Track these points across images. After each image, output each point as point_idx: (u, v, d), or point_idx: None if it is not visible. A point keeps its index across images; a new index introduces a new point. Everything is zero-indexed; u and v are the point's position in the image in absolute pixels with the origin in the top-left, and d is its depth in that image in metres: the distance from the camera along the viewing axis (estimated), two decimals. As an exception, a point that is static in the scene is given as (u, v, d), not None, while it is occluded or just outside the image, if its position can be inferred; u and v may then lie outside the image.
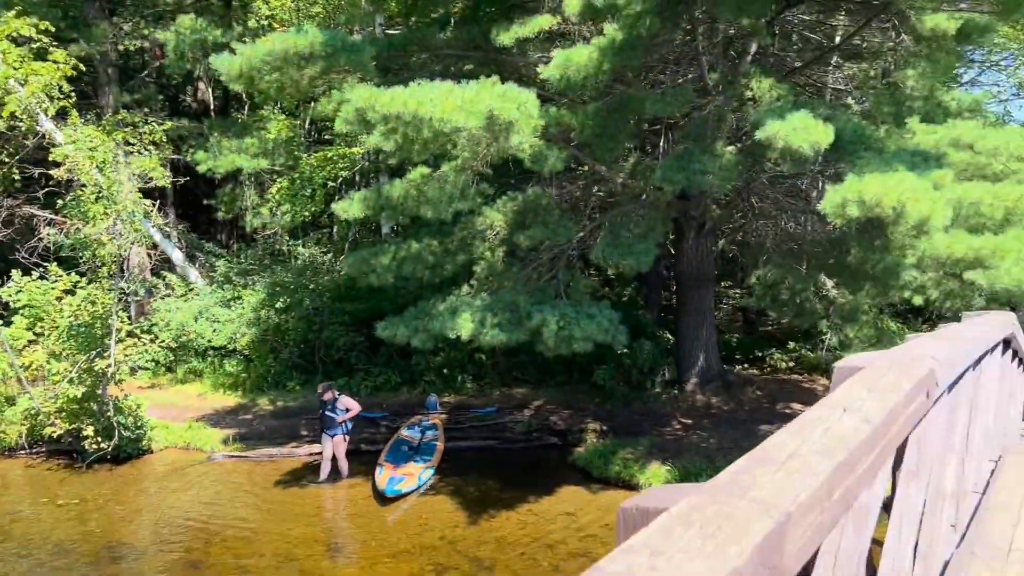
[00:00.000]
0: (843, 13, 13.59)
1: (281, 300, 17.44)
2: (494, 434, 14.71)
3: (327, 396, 12.21)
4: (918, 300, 14.24)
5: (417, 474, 11.91)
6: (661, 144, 13.25)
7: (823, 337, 17.94)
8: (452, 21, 14.64)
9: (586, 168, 13.53)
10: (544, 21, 11.42)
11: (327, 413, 12.20)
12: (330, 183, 19.24)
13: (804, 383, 17.42)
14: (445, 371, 17.10)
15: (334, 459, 12.30)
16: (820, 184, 12.48)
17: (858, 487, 1.95)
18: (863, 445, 1.88)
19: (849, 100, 15.28)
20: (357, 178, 20.48)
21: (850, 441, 1.82)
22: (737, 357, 18.92)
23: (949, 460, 4.40)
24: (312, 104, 17.91)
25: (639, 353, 15.79)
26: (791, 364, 18.45)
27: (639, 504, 1.50)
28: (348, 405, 12.26)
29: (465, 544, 9.92)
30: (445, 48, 13.36)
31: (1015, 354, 8.60)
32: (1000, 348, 6.94)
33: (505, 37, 11.12)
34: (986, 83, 21.16)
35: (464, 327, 10.98)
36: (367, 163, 19.63)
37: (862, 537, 2.29)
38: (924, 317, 18.18)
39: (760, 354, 18.97)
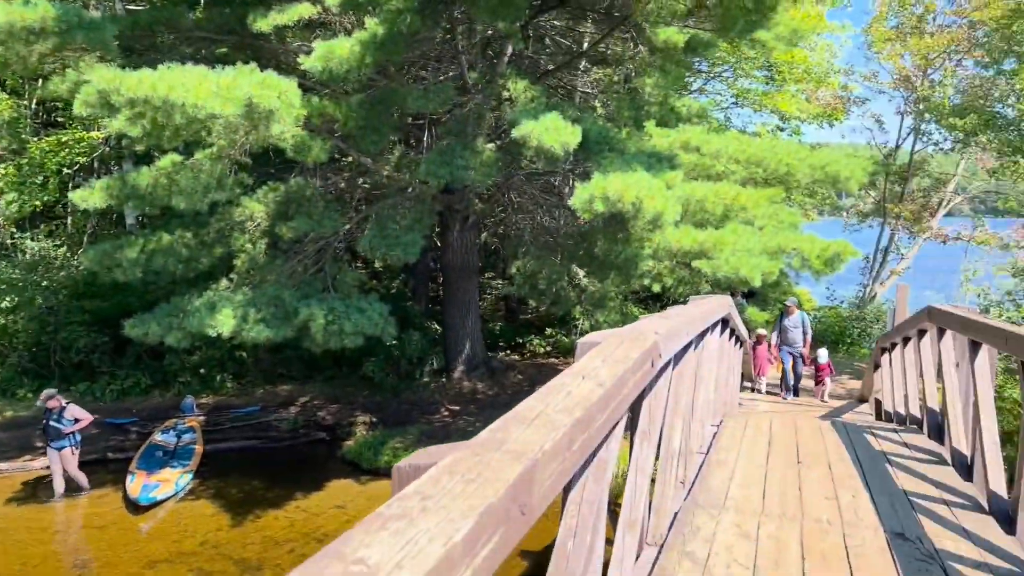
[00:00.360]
0: (590, 21, 14.68)
1: (7, 299, 15.60)
2: (258, 433, 14.25)
3: (52, 404, 11.11)
4: (656, 287, 15.79)
5: (174, 480, 11.28)
6: (425, 138, 13.54)
7: (576, 323, 19.28)
8: (202, 2, 13.89)
9: (351, 160, 13.49)
10: (304, 10, 11.21)
11: (52, 423, 11.10)
12: (65, 170, 17.46)
13: (560, 366, 18.63)
14: (202, 371, 16.24)
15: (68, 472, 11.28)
16: (571, 181, 13.44)
17: (595, 441, 2.28)
18: (598, 404, 2.21)
19: (596, 103, 16.54)
20: (96, 165, 18.77)
21: (587, 402, 2.14)
22: (500, 344, 19.79)
23: (677, 423, 5.04)
24: (41, 82, 16.16)
25: (408, 344, 16.03)
26: (549, 349, 19.63)
27: (411, 462, 1.68)
28: (76, 415, 11.21)
29: (230, 547, 9.59)
30: (196, 30, 12.67)
31: (732, 332, 9.89)
32: (719, 327, 7.98)
33: (263, 23, 10.80)
34: (711, 92, 23.72)
35: (225, 324, 10.55)
36: (108, 149, 18.06)
37: (601, 486, 2.64)
38: (662, 303, 20.14)
39: (521, 341, 19.98)
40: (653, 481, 4.41)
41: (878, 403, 11.61)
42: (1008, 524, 4.98)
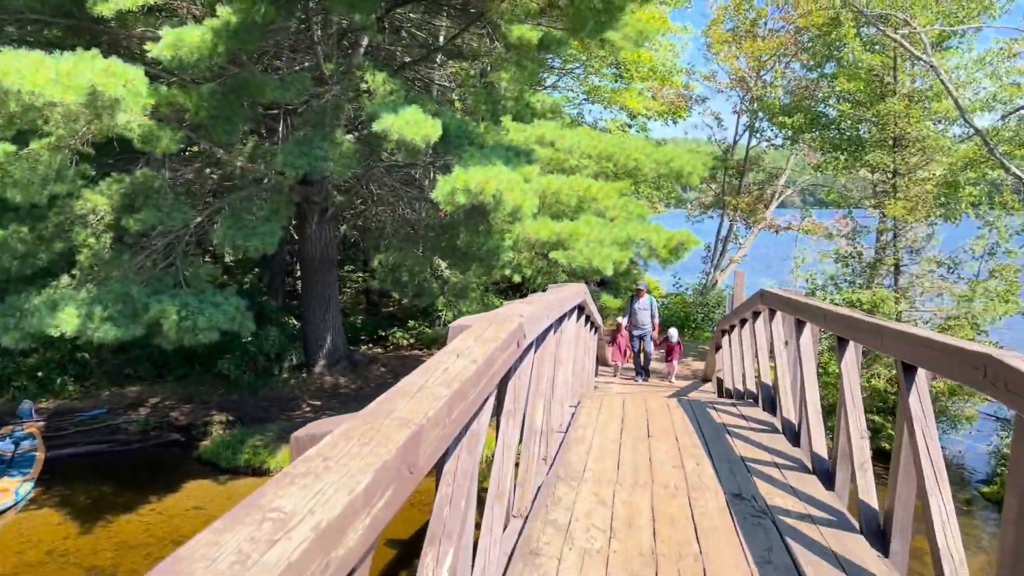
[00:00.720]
0: (446, 16, 14.85)
1: None
2: (106, 437, 13.54)
3: None
4: (517, 277, 16.24)
5: (13, 489, 10.59)
6: (280, 129, 13.28)
7: (439, 314, 19.47)
8: (35, -20, 12.94)
9: (202, 150, 13.03)
10: (149, -7, 10.73)
11: None
12: None
13: (424, 357, 18.77)
14: (40, 374, 15.20)
15: None
16: (431, 174, 13.58)
17: (470, 412, 2.50)
18: (472, 379, 2.43)
19: (454, 96, 16.74)
20: (-92, 153, 17.05)
21: (462, 376, 2.35)
22: (362, 338, 19.68)
23: (539, 403, 5.35)
24: None
25: (265, 340, 15.67)
26: (412, 341, 19.72)
27: (308, 432, 1.83)
28: None
29: (79, 554, 9.15)
30: (27, 12, 11.82)
31: (588, 318, 10.38)
32: (576, 313, 8.40)
33: (103, 7, 10.22)
34: (564, 88, 24.48)
35: (68, 323, 9.99)
36: (-78, 136, 16.46)
37: (473, 457, 2.87)
38: (521, 292, 20.69)
39: (384, 333, 19.95)
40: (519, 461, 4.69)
41: (720, 381, 12.53)
42: (828, 481, 5.64)
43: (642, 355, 14.15)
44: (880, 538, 4.54)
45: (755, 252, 28.05)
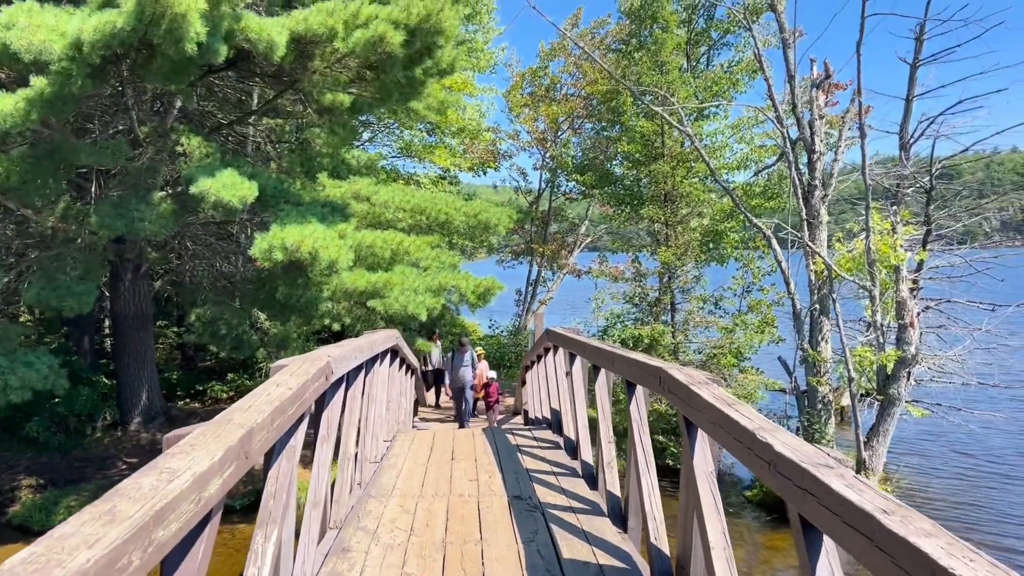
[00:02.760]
0: (260, 80, 15.56)
1: None
2: None
3: None
4: (336, 326, 16.94)
5: None
6: (94, 189, 13.40)
7: (260, 366, 19.68)
8: None
9: (8, 210, 12.89)
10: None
11: None
12: None
13: (245, 409, 18.86)
14: None
15: None
16: (249, 229, 14.16)
17: (287, 426, 3.48)
18: (288, 400, 3.42)
19: (270, 150, 17.36)
20: None
21: (281, 398, 3.34)
22: (179, 393, 19.47)
23: (351, 432, 6.30)
24: None
25: (75, 399, 15.34)
26: (232, 394, 19.74)
27: (176, 433, 2.75)
28: None
29: None
30: None
31: (403, 361, 11.40)
32: (389, 356, 9.40)
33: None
34: (379, 143, 25.57)
35: None
36: None
37: (291, 464, 3.83)
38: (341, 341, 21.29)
39: (201, 388, 19.83)
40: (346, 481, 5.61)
41: (525, 412, 13.92)
42: (592, 482, 6.96)
43: (465, 404, 14.49)
44: (621, 518, 5.86)
45: (564, 295, 30.24)
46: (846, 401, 15.69)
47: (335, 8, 10.38)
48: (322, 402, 5.16)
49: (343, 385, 5.68)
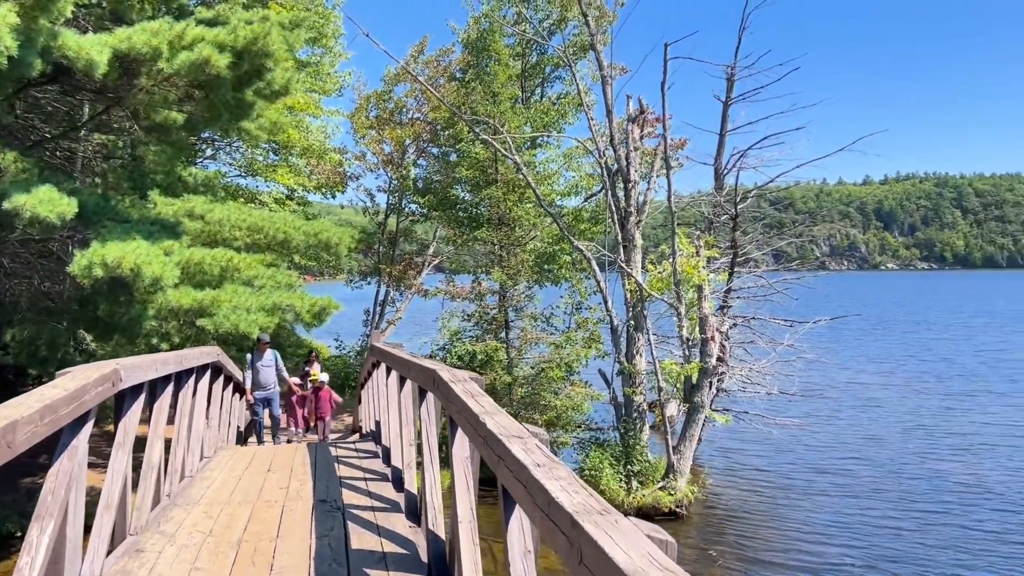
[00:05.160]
0: (86, 95, 15.16)
1: None
2: None
3: None
4: (165, 345, 16.57)
5: None
6: None
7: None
8: None
9: None
10: None
11: None
12: None
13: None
14: None
15: None
16: (70, 246, 13.74)
17: (61, 423, 3.77)
18: (62, 400, 3.72)
19: (102, 166, 16.84)
20: None
21: (53, 397, 3.64)
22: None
23: (156, 443, 6.49)
24: None
25: None
26: (54, 419, 18.78)
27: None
28: None
29: None
30: None
31: (228, 379, 11.48)
32: (209, 372, 9.53)
33: None
34: (221, 161, 25.14)
35: None
36: None
37: (73, 463, 4.09)
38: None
39: (20, 414, 18.76)
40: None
41: (360, 428, 14.23)
42: (399, 484, 7.44)
43: (268, 420, 13.14)
44: (415, 514, 6.37)
45: (413, 315, 30.65)
46: (670, 412, 16.98)
47: (160, 28, 10.47)
48: (120, 410, 5.39)
49: (142, 395, 5.90)
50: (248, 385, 12.84)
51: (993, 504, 14.30)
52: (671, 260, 14.69)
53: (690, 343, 14.97)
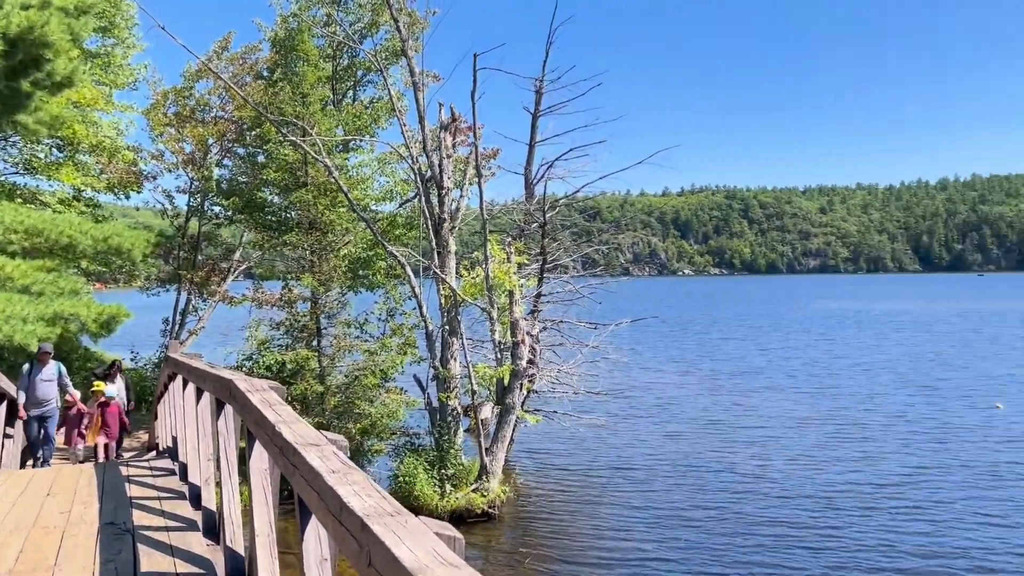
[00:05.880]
0: None
1: None
2: None
3: None
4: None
5: None
6: None
7: None
8: None
9: None
10: None
11: None
12: None
13: None
14: None
15: None
16: None
17: None
18: None
19: None
20: None
21: None
22: None
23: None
24: None
25: None
26: None
27: None
28: None
29: None
30: None
31: (1, 396, 10.38)
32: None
33: None
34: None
35: None
36: None
37: None
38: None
39: None
40: None
41: (157, 445, 13.31)
42: (196, 501, 7.05)
43: (43, 440, 11.60)
44: (214, 531, 6.07)
45: (218, 323, 29.13)
46: (484, 414, 17.27)
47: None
48: None
49: None
50: (21, 401, 11.28)
51: (776, 492, 15.75)
52: (484, 266, 14.97)
53: (502, 346, 15.33)
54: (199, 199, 23.30)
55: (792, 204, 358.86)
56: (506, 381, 14.81)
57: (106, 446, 12.96)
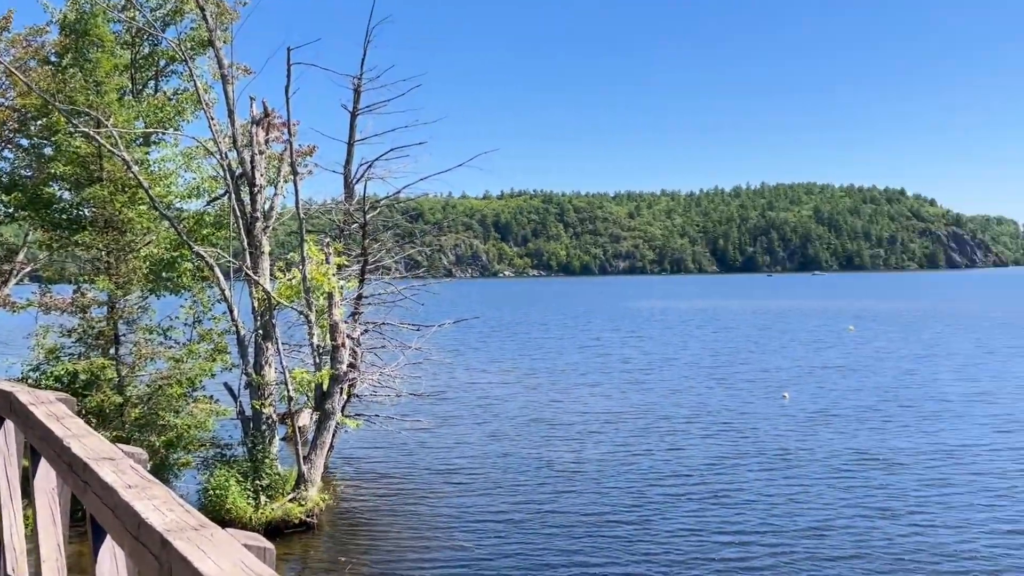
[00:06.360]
0: None
1: None
2: None
3: None
4: None
5: None
6: None
7: None
8: None
9: None
10: None
11: None
12: None
13: None
14: None
15: None
16: None
17: None
18: None
19: None
20: None
21: None
22: None
23: None
24: None
25: None
26: None
27: None
28: None
29: None
30: None
31: None
32: None
33: None
34: None
35: None
36: None
37: None
38: None
39: None
40: None
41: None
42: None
43: None
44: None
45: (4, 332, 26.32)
46: (302, 421, 16.70)
47: None
48: None
49: None
50: None
51: (592, 487, 16.37)
52: (301, 267, 14.50)
53: (321, 350, 14.91)
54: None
55: (604, 209, 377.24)
56: (325, 386, 14.42)
57: None
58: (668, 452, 18.96)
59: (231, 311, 14.83)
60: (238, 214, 14.67)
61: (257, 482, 13.53)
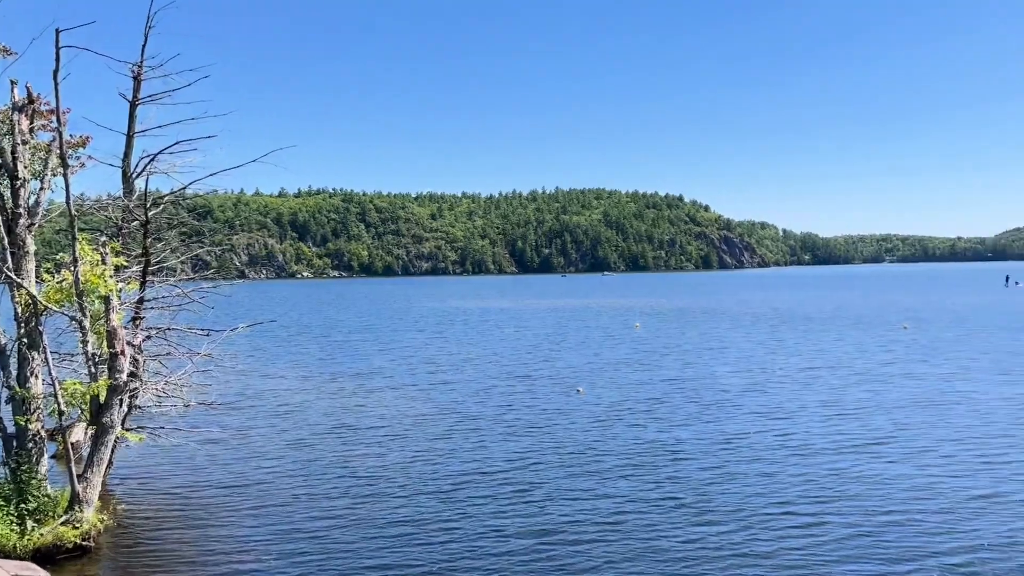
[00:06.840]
0: None
1: None
2: None
3: None
4: None
5: None
6: None
7: None
8: None
9: None
10: None
11: None
12: None
13: None
14: None
15: None
16: None
17: None
18: None
19: None
20: None
21: None
22: None
23: None
24: None
25: None
26: None
27: None
28: None
29: None
30: None
31: None
32: None
33: None
34: None
35: None
36: None
37: None
38: None
39: None
40: None
41: None
42: None
43: None
44: None
45: None
46: (76, 436, 15.21)
47: None
48: None
49: None
50: None
51: (397, 491, 16.25)
52: (72, 269, 13.21)
53: (98, 359, 13.69)
54: None
55: (406, 209, 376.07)
56: (102, 398, 13.23)
57: None
58: (472, 452, 19.22)
59: (-13, 318, 13.22)
60: (-3, 210, 13.11)
61: (23, 506, 12.18)
